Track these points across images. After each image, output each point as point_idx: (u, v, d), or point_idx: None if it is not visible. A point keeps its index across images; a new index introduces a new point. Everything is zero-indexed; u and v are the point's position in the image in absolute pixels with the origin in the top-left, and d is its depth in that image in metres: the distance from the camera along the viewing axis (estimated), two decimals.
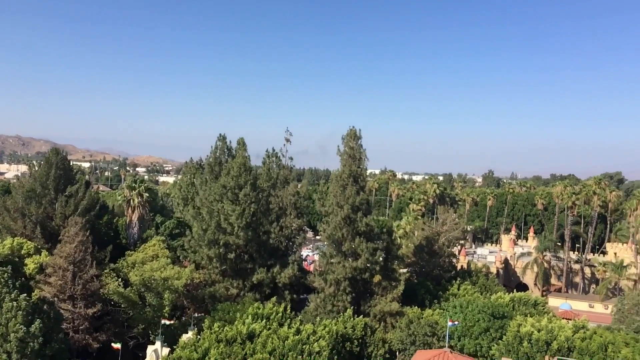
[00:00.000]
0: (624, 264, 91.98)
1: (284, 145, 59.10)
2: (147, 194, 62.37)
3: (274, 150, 59.37)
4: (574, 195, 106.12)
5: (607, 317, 70.30)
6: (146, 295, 49.40)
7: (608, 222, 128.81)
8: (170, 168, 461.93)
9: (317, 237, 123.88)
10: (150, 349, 42.75)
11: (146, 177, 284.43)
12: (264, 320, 42.34)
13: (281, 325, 42.59)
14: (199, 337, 40.60)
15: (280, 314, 44.21)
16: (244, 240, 50.16)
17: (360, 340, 44.74)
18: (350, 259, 50.16)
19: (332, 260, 51.15)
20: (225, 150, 59.87)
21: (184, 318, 51.11)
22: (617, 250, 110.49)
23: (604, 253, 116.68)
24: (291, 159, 59.16)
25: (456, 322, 41.97)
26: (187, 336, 42.20)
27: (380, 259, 51.77)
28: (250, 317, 42.37)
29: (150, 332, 48.53)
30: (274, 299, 48.71)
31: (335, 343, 42.18)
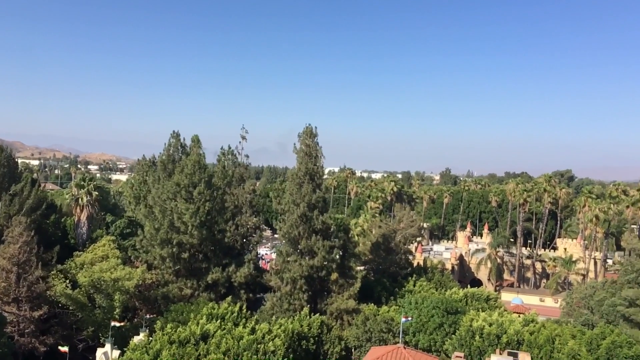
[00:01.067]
0: (573, 259, 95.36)
1: (240, 142, 58.31)
2: (97, 193, 60.40)
3: (229, 147, 58.52)
4: (525, 193, 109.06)
5: (557, 310, 72.50)
6: (96, 297, 47.86)
7: (558, 219, 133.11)
8: (124, 166, 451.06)
9: (276, 236, 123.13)
10: (99, 351, 41.41)
11: (98, 175, 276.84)
12: (219, 321, 41.53)
13: (236, 325, 41.93)
14: (150, 338, 39.52)
15: (235, 314, 43.53)
16: (198, 239, 49.22)
17: (316, 338, 44.53)
18: (306, 257, 49.93)
19: (288, 259, 50.80)
20: (179, 147, 58.60)
21: (135, 320, 49.74)
22: (566, 246, 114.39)
23: (555, 248, 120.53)
24: (247, 156, 58.44)
25: (410, 318, 42.30)
26: (139, 338, 41.03)
27: (337, 256, 51.78)
28: (204, 317, 41.50)
29: (100, 334, 47.03)
30: (229, 298, 47.98)
31: (291, 342, 41.82)
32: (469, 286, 68.56)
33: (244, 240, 54.40)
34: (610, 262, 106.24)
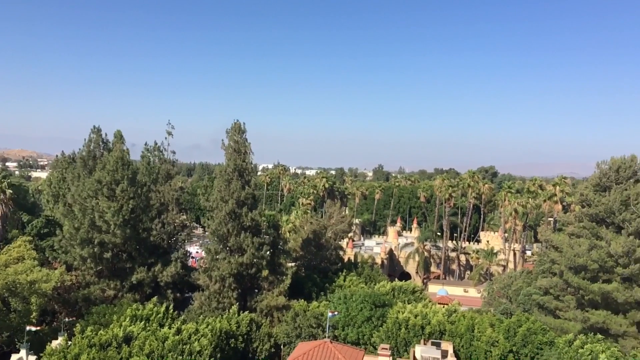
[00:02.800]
0: (494, 251, 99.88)
1: (166, 138, 56.80)
2: (11, 191, 56.93)
3: (156, 143, 56.87)
4: (450, 188, 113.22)
5: (480, 300, 75.70)
6: (10, 301, 45.08)
7: (482, 213, 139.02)
8: (46, 163, 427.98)
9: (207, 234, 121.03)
10: (14, 357, 39.16)
11: (17, 172, 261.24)
12: (143, 322, 40.43)
13: (162, 326, 40.94)
14: (69, 342, 37.79)
15: (161, 315, 42.47)
16: (121, 238, 47.51)
17: (245, 336, 44.23)
18: (236, 255, 49.49)
19: (217, 257, 50.14)
20: (101, 143, 56.25)
21: (54, 324, 47.41)
22: (489, 239, 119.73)
23: (478, 241, 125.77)
24: (173, 152, 57.01)
25: (336, 313, 42.80)
26: (57, 342, 39.16)
27: (267, 253, 51.58)
28: (127, 319, 40.23)
29: (15, 339, 44.44)
30: (154, 299, 46.71)
31: (219, 341, 41.30)
32: (396, 280, 70.29)
33: (171, 238, 53.09)
34: (529, 253, 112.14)
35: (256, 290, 52.23)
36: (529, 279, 59.34)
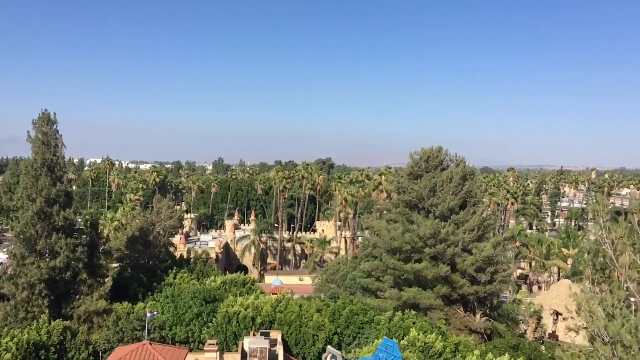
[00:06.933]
0: (327, 239, 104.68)
1: None
2: None
3: None
4: (285, 180, 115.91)
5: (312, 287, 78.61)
6: None
7: (317, 203, 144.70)
8: None
9: None
10: None
11: None
12: None
13: None
14: None
15: None
16: None
17: (58, 347, 40.33)
18: (47, 258, 44.91)
19: (24, 262, 44.99)
20: None
21: None
22: (324, 228, 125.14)
23: (314, 231, 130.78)
24: None
25: (155, 313, 41.15)
26: None
27: (84, 255, 47.67)
28: None
29: None
30: None
31: (26, 354, 37.27)
32: (227, 272, 69.90)
33: None
34: (360, 239, 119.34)
35: (74, 296, 48.02)
36: (354, 263, 62.96)
